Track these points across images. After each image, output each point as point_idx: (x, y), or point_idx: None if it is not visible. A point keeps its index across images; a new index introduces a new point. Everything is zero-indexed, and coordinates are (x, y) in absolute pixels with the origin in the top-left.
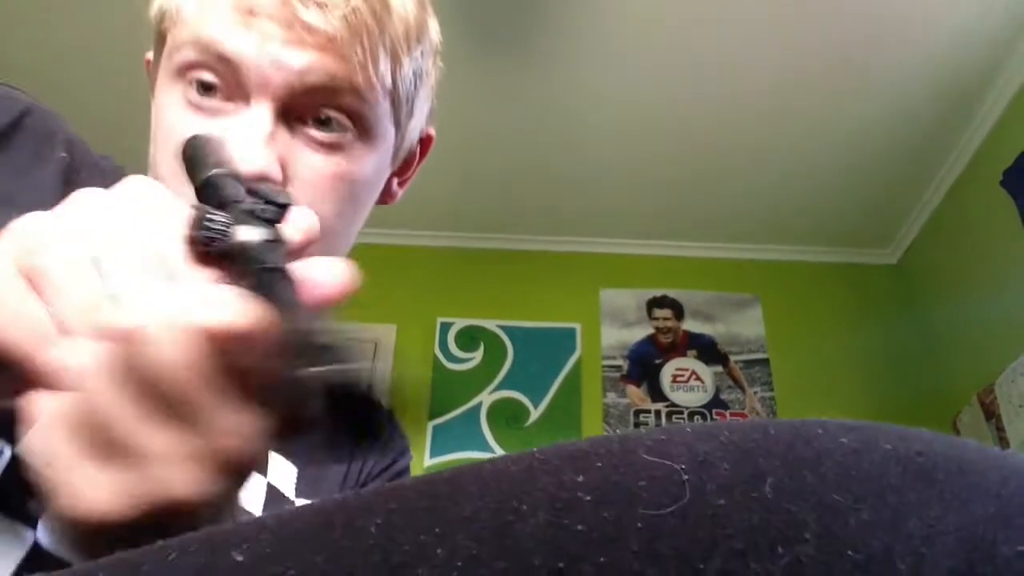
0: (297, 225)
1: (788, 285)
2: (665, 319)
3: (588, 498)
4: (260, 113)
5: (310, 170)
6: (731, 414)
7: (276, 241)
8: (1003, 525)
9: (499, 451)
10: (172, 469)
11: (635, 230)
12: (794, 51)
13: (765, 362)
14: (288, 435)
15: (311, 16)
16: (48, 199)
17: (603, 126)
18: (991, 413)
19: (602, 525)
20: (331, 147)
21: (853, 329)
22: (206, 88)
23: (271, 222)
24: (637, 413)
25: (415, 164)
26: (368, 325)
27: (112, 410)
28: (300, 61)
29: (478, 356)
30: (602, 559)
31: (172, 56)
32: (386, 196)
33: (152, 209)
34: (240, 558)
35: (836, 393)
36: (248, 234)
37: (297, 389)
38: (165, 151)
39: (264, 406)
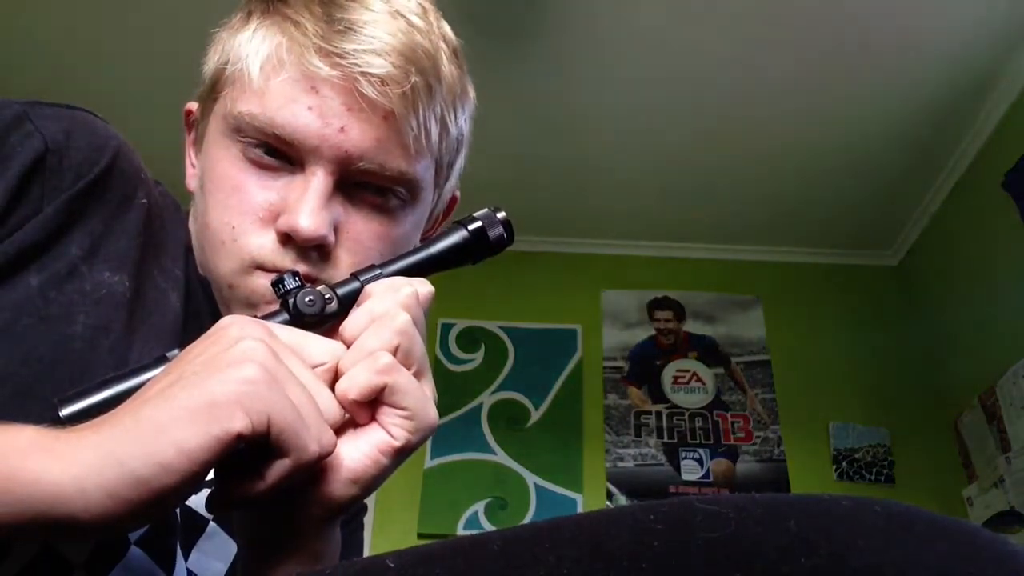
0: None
1: (789, 287)
2: (666, 320)
3: (660, 527)
4: (319, 179)
5: (359, 232)
6: (732, 416)
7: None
8: (960, 561)
9: (500, 452)
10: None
11: (637, 231)
12: (795, 53)
13: (766, 363)
14: None
15: (372, 91)
16: (131, 242)
17: (605, 128)
18: (993, 415)
19: (672, 542)
20: (380, 211)
21: (854, 331)
22: (264, 148)
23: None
24: (638, 414)
25: (439, 223)
26: None
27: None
28: (358, 141)
29: (479, 357)
30: (674, 562)
31: (228, 119)
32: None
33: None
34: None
35: (837, 395)
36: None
37: None
38: (227, 207)
39: None
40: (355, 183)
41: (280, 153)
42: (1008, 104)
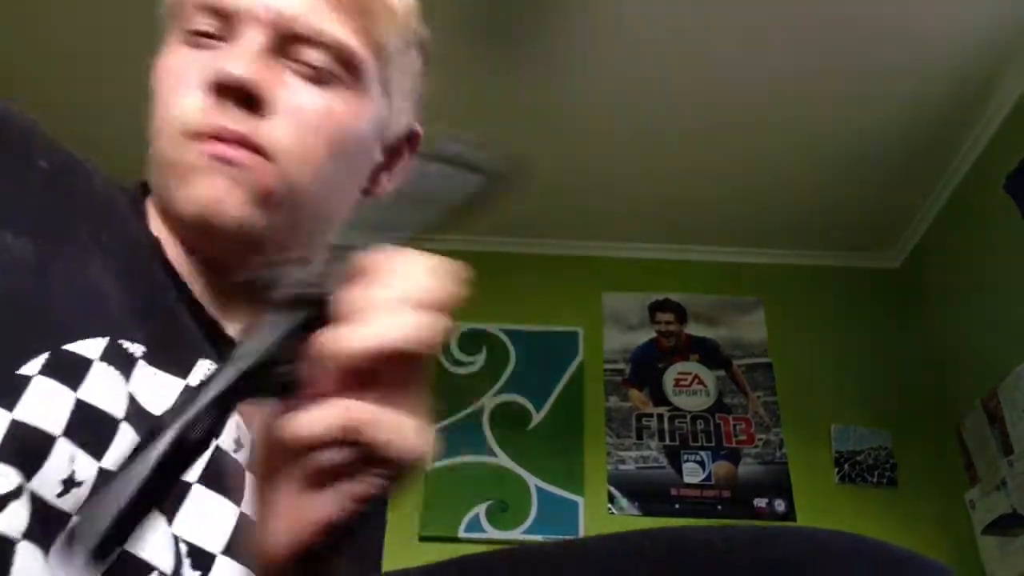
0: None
1: (791, 288)
2: (668, 323)
3: (660, 550)
4: (251, 36)
5: (299, 100)
6: (734, 418)
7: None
8: None
9: (501, 455)
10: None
11: (638, 233)
12: (796, 55)
13: (768, 366)
14: None
15: None
16: (32, 204)
17: (605, 130)
18: (995, 418)
19: (672, 564)
20: (320, 83)
21: (856, 333)
22: (203, 33)
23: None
24: (639, 417)
25: (402, 158)
26: None
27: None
28: (291, 1)
29: (480, 359)
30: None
31: (168, 12)
32: (373, 185)
33: None
34: None
35: (839, 397)
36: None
37: None
38: (163, 88)
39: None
40: (291, 56)
41: (216, 33)
42: (1009, 106)
